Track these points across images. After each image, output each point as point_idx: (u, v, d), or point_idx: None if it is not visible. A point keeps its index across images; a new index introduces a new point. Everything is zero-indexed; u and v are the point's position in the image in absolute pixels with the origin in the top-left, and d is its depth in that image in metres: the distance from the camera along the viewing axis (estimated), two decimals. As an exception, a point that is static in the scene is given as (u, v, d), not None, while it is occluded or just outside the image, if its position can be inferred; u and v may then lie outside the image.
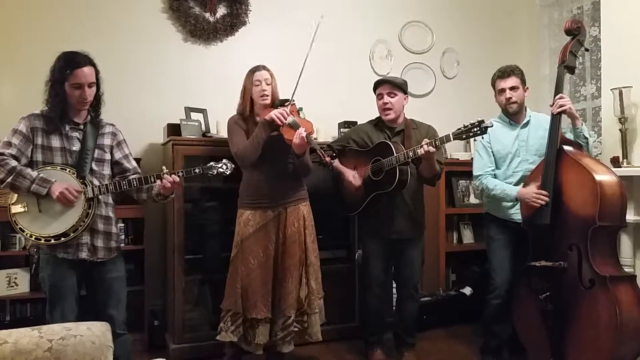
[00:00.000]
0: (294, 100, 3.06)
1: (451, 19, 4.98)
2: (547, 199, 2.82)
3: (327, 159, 2.97)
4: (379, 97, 3.27)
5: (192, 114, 3.80)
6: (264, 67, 3.11)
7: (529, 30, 5.10)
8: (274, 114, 2.92)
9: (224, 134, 3.78)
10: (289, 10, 4.42)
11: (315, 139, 3.46)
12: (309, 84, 3.10)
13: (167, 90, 4.02)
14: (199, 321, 3.64)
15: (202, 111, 3.87)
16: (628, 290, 2.64)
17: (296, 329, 3.11)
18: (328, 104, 4.28)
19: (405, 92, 3.29)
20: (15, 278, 3.50)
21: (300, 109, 3.96)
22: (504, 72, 3.18)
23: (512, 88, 3.16)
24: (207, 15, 4.15)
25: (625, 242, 3.22)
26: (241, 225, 3.06)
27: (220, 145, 3.58)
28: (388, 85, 3.24)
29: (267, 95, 3.06)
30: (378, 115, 3.37)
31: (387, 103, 3.22)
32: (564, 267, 2.75)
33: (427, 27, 4.89)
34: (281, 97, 3.13)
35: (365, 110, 3.70)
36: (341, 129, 4.08)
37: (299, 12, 4.43)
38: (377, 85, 3.30)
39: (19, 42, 3.72)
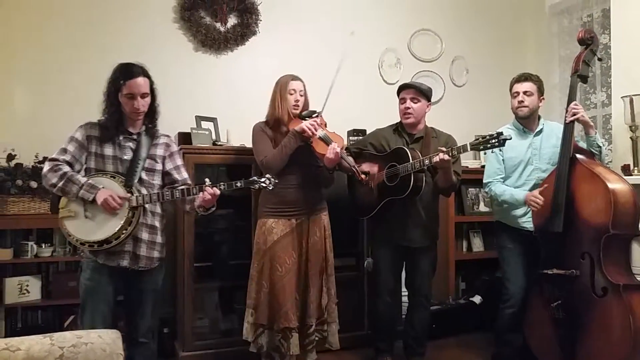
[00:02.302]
0: (321, 112, 3.08)
1: (460, 27, 4.99)
2: (541, 203, 2.86)
3: (362, 176, 2.96)
4: (402, 100, 3.26)
5: (202, 122, 3.82)
6: (298, 78, 3.15)
7: (539, 38, 5.09)
8: (306, 125, 2.94)
9: (234, 142, 3.81)
10: (299, 20, 4.45)
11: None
12: (319, 92, 3.11)
13: (178, 99, 4.04)
14: (209, 329, 3.65)
15: (213, 120, 3.89)
16: (641, 299, 2.62)
17: (317, 338, 3.13)
18: (337, 112, 4.25)
19: (429, 99, 3.28)
20: (27, 285, 3.52)
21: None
22: (521, 76, 3.19)
23: (525, 92, 3.15)
24: (218, 25, 4.18)
25: (637, 251, 3.20)
26: (265, 234, 3.05)
27: (231, 154, 3.61)
28: (413, 90, 3.23)
29: (299, 106, 3.09)
30: (396, 121, 3.37)
31: (409, 108, 3.21)
32: (576, 275, 2.73)
33: (436, 35, 4.90)
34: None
35: (375, 118, 3.71)
36: (350, 137, 4.08)
37: (309, 22, 4.46)
38: (402, 88, 3.29)
39: (30, 53, 3.76)
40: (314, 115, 3.06)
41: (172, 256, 3.85)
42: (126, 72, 2.54)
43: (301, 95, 3.11)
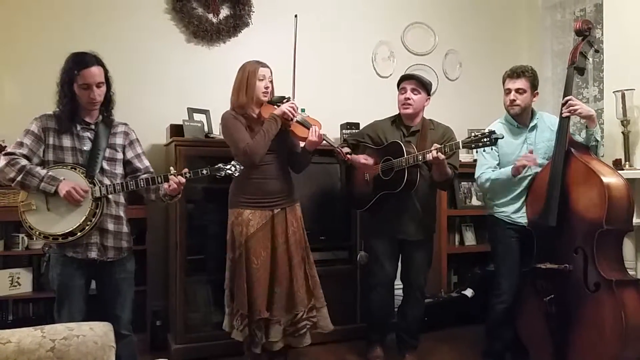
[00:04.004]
0: (290, 98, 3.07)
1: (454, 20, 4.98)
2: (535, 160, 2.86)
3: (348, 156, 2.97)
4: (402, 91, 3.24)
5: (194, 114, 3.80)
6: (266, 64, 3.09)
7: (531, 32, 5.10)
8: (286, 108, 2.93)
9: (226, 134, 3.79)
10: (291, 12, 4.40)
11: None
12: (312, 85, 3.10)
13: (169, 91, 4.03)
14: (201, 321, 3.65)
15: (205, 112, 3.87)
16: (633, 294, 2.64)
17: (308, 325, 3.09)
18: (330, 105, 4.28)
19: (429, 93, 3.27)
20: (18, 278, 3.51)
21: (303, 110, 3.96)
22: (514, 72, 3.09)
23: (518, 90, 3.08)
24: (210, 16, 4.15)
25: (628, 245, 3.21)
26: (242, 225, 3.01)
27: (223, 146, 3.58)
28: (414, 82, 3.23)
29: (269, 92, 3.05)
30: (389, 114, 3.38)
31: (409, 98, 3.20)
32: (569, 269, 2.74)
33: (429, 28, 4.90)
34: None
35: (368, 112, 3.71)
36: (343, 131, 4.08)
37: (301, 13, 4.43)
38: (403, 79, 3.28)
39: (22, 42, 3.73)
40: (284, 100, 3.03)
41: (165, 249, 3.85)
42: (80, 61, 2.47)
43: (270, 82, 3.06)
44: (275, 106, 3.02)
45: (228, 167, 2.63)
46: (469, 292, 4.30)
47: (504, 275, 3.17)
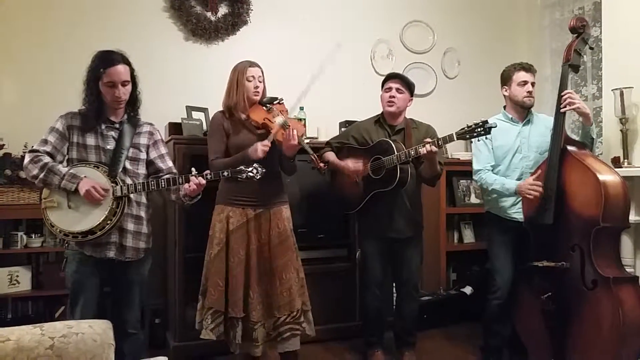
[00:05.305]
0: (282, 99, 3.04)
1: (452, 19, 4.99)
2: (540, 189, 2.82)
3: (321, 164, 2.94)
4: (387, 89, 3.27)
5: (193, 113, 3.80)
6: (257, 64, 3.07)
7: (530, 31, 5.10)
8: (261, 150, 2.79)
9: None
10: (290, 10, 4.43)
11: (308, 141, 3.43)
12: (310, 81, 3.08)
13: (168, 89, 4.02)
14: (200, 320, 3.65)
15: (204, 110, 3.87)
16: (630, 291, 2.63)
17: (298, 332, 3.05)
18: (329, 103, 4.28)
19: (412, 93, 3.30)
20: (17, 276, 3.51)
21: (301, 108, 3.97)
22: (530, 66, 3.19)
23: (532, 83, 3.16)
24: (209, 14, 4.15)
25: (626, 242, 3.22)
26: (223, 222, 2.99)
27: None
28: (399, 81, 3.26)
29: (259, 92, 3.03)
30: (379, 112, 3.37)
31: (393, 97, 3.23)
32: (566, 267, 2.74)
33: (428, 26, 4.90)
34: (273, 96, 3.10)
35: (367, 110, 3.70)
36: (342, 129, 4.08)
37: (299, 11, 4.44)
38: (388, 78, 3.31)
39: (20, 41, 3.73)
40: (275, 102, 3.01)
41: (163, 247, 3.85)
42: (106, 59, 2.48)
43: (260, 82, 3.04)
44: (264, 107, 2.99)
45: (250, 169, 2.57)
46: (467, 290, 4.31)
47: (498, 271, 3.19)
